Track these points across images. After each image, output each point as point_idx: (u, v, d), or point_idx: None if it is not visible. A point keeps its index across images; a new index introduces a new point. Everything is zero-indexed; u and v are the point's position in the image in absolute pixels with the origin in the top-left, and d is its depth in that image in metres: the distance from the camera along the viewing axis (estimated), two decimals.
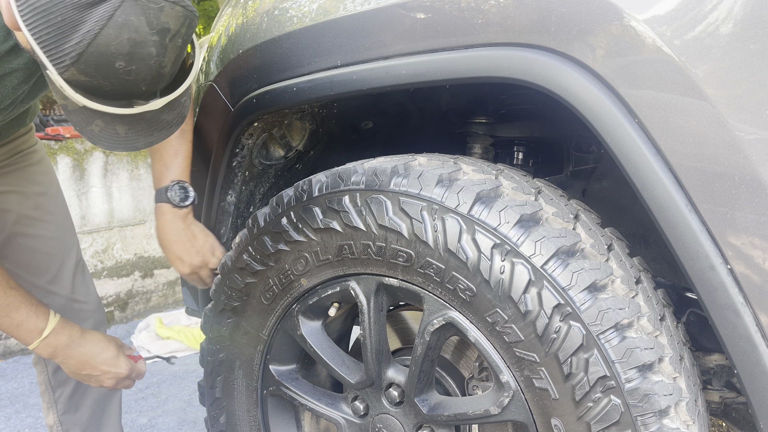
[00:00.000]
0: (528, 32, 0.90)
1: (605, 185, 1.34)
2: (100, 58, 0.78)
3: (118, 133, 0.90)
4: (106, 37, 0.77)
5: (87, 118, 0.88)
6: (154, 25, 0.80)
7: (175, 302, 4.02)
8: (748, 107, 0.77)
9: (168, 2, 0.81)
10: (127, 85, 0.84)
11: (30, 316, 1.20)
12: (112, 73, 0.81)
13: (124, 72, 0.81)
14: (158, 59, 0.83)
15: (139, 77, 0.83)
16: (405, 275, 1.05)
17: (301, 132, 1.42)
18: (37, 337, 1.21)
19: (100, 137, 0.91)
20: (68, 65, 0.79)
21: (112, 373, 1.29)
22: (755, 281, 0.79)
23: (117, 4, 0.77)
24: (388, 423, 1.17)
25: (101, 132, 0.90)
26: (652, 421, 0.87)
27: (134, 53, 0.80)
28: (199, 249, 1.37)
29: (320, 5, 1.15)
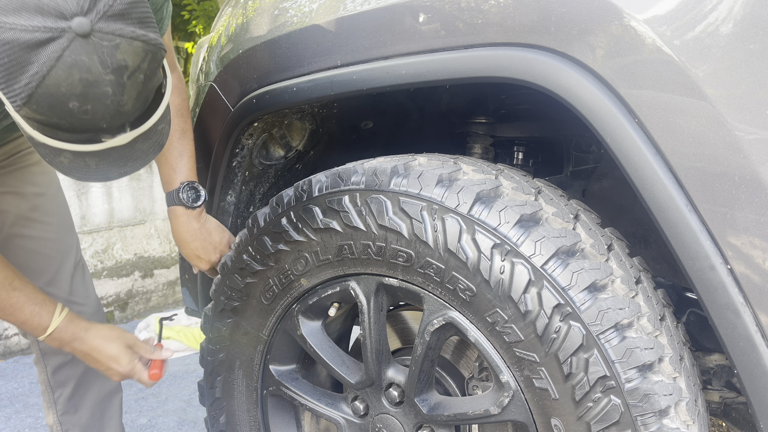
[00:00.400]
0: (528, 32, 0.90)
1: (605, 185, 1.34)
2: (51, 99, 0.75)
3: (88, 165, 0.87)
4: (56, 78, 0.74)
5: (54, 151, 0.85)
6: (108, 64, 0.76)
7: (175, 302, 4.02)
8: (748, 107, 0.77)
9: (124, 38, 0.77)
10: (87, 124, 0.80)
11: (33, 316, 1.22)
12: (67, 113, 0.77)
13: (80, 112, 0.77)
14: (115, 98, 0.79)
15: (97, 116, 0.79)
16: (405, 275, 1.05)
17: (301, 132, 1.42)
18: (42, 334, 1.23)
19: (70, 169, 0.87)
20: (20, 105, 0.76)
21: (113, 369, 1.30)
22: (755, 281, 0.79)
23: (65, 44, 0.73)
24: (388, 423, 1.17)
25: (71, 164, 0.86)
26: (652, 421, 0.87)
27: (88, 93, 0.76)
28: (216, 245, 1.38)
29: (320, 5, 1.15)
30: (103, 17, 0.75)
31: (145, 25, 0.80)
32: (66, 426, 1.65)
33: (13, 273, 1.23)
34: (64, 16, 0.72)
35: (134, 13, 0.79)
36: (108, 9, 0.75)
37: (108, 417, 1.69)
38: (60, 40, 0.73)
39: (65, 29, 0.72)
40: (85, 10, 0.73)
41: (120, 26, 0.76)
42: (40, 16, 0.72)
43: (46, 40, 0.72)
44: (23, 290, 1.22)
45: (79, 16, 0.73)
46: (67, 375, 1.61)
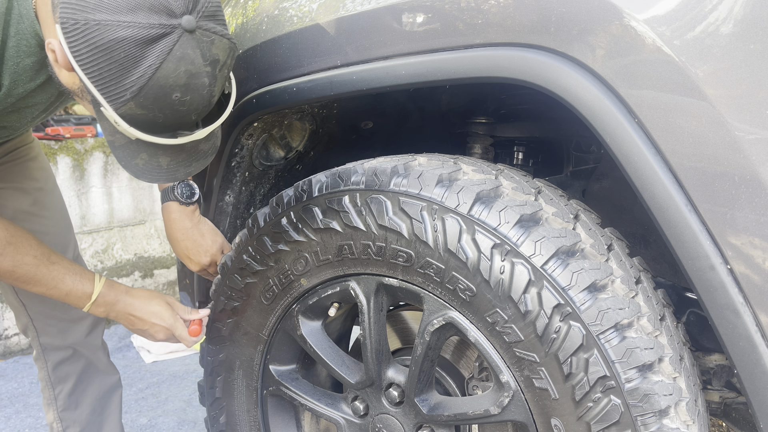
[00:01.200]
0: (528, 32, 0.90)
1: (605, 185, 1.34)
2: (159, 90, 0.83)
3: (161, 165, 0.94)
4: (166, 70, 0.81)
5: (132, 153, 0.92)
6: (207, 57, 0.85)
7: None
8: (748, 107, 0.77)
9: (217, 35, 0.86)
10: (179, 116, 0.88)
11: (76, 285, 1.24)
12: (168, 105, 0.85)
13: (179, 103, 0.85)
14: (210, 89, 0.88)
15: (192, 107, 0.87)
16: (405, 275, 1.05)
17: (301, 132, 1.42)
18: (87, 302, 1.25)
19: (143, 170, 0.94)
20: (128, 99, 0.83)
21: (158, 326, 1.31)
22: (755, 281, 0.79)
23: (176, 38, 0.81)
24: (388, 423, 1.17)
25: (145, 165, 0.94)
26: (652, 421, 0.87)
27: (190, 84, 0.84)
28: (207, 248, 1.39)
29: (320, 5, 1.15)
30: (203, 16, 0.84)
31: (226, 26, 0.90)
32: (66, 423, 1.65)
33: (48, 248, 1.25)
34: (174, 14, 0.81)
35: (219, 14, 0.89)
36: (205, 9, 0.84)
37: (108, 413, 1.69)
38: (171, 35, 0.81)
39: (176, 26, 0.81)
40: (189, 9, 0.82)
41: (213, 25, 0.86)
42: (153, 14, 0.79)
43: (160, 36, 0.80)
44: (61, 263, 1.24)
45: (186, 15, 0.82)
46: (68, 371, 1.62)
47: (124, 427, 1.78)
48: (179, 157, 0.95)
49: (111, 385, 1.69)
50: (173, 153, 0.94)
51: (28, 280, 1.21)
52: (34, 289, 1.24)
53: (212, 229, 1.42)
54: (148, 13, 0.79)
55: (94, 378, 1.65)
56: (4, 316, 3.15)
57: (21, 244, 1.19)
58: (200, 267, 1.41)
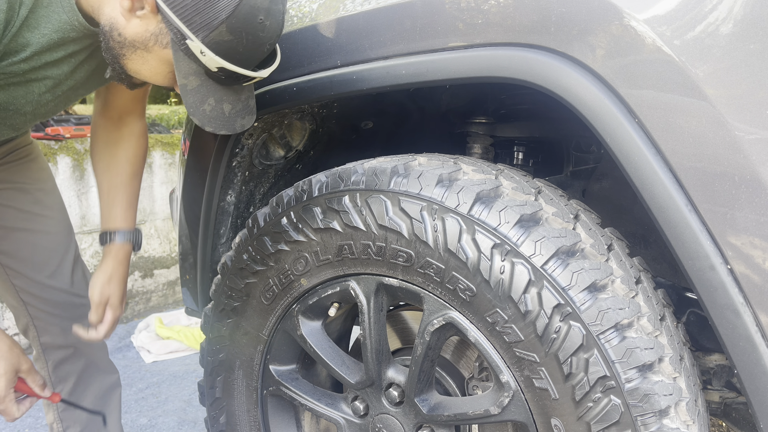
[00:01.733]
0: (528, 32, 0.90)
1: (605, 185, 1.34)
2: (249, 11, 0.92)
3: (224, 113, 1.02)
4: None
5: (202, 97, 1.00)
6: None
7: (175, 302, 4.02)
8: (748, 107, 0.77)
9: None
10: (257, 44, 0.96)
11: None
12: (253, 28, 0.94)
13: (261, 27, 0.94)
14: (282, 16, 0.98)
15: (269, 34, 0.96)
16: (405, 275, 1.05)
17: (301, 132, 1.42)
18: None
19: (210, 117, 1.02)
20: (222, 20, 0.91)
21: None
22: (755, 281, 0.79)
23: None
24: (388, 423, 1.17)
25: (211, 111, 1.02)
26: (652, 421, 0.87)
27: (271, 8, 0.95)
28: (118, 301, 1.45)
29: (320, 5, 1.15)
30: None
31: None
32: (66, 423, 1.65)
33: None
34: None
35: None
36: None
37: (108, 413, 1.69)
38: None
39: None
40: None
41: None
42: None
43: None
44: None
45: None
46: (68, 370, 1.62)
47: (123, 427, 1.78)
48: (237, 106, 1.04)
49: (111, 384, 1.69)
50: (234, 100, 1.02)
51: None
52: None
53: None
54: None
55: (95, 377, 1.65)
56: (4, 316, 3.15)
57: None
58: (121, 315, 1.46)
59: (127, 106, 1.42)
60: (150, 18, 0.95)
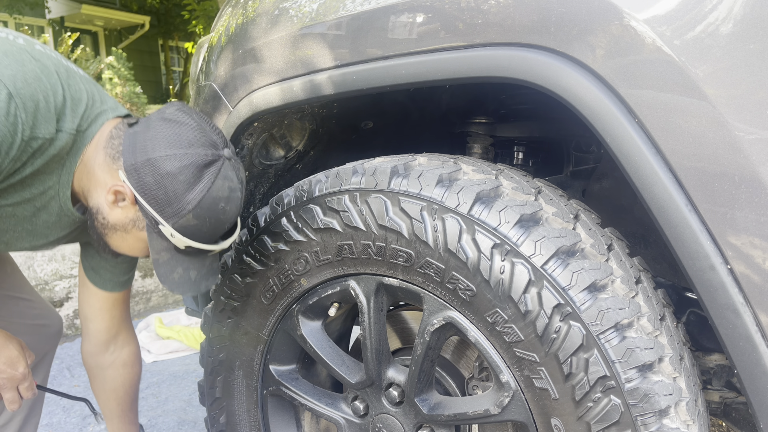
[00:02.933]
0: (528, 32, 0.90)
1: (605, 185, 1.34)
2: (211, 202, 1.07)
3: (190, 278, 1.16)
4: (217, 186, 1.07)
5: (171, 268, 1.14)
6: (239, 177, 1.11)
7: (175, 302, 4.02)
8: (748, 107, 0.77)
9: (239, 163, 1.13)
10: (219, 225, 1.11)
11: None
12: (215, 214, 1.08)
13: (223, 212, 1.09)
14: (241, 200, 1.12)
15: (229, 216, 1.11)
16: (405, 275, 1.05)
17: (301, 132, 1.42)
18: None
19: (178, 283, 1.15)
20: (189, 210, 1.06)
21: (7, 371, 1.23)
22: (755, 281, 0.79)
23: (221, 163, 1.07)
24: (388, 423, 1.17)
25: (179, 279, 1.15)
26: (652, 421, 0.87)
27: (230, 197, 1.09)
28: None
29: (320, 5, 1.15)
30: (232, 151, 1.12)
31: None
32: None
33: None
34: (218, 147, 1.08)
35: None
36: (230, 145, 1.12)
37: None
38: (219, 161, 1.08)
39: (221, 154, 1.08)
40: (226, 144, 1.11)
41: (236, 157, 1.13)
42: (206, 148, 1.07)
43: (212, 161, 1.07)
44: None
45: (226, 148, 1.10)
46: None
47: None
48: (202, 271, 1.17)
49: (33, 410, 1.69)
50: (199, 267, 1.16)
51: None
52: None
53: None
54: (202, 147, 1.06)
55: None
56: None
57: None
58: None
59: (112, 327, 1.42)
60: (129, 208, 1.10)
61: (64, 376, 2.88)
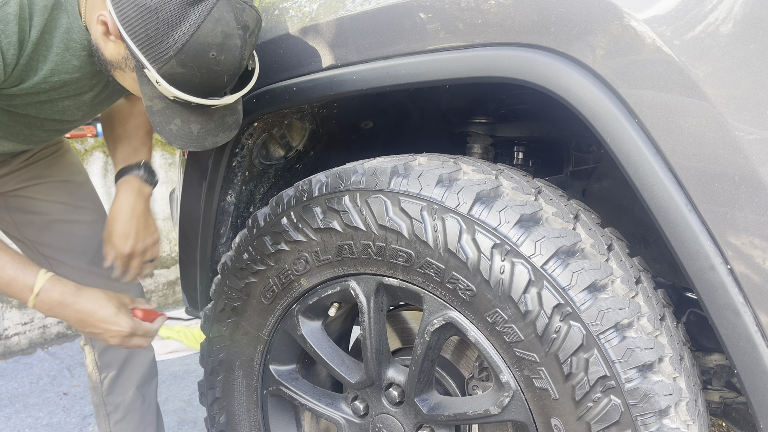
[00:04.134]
0: (528, 32, 0.90)
1: (605, 185, 1.34)
2: (198, 48, 0.92)
3: (192, 132, 1.03)
4: (205, 30, 0.91)
5: (168, 118, 1.01)
6: (240, 21, 0.95)
7: (175, 302, 4.02)
8: (748, 107, 0.77)
9: (246, 4, 0.97)
10: (214, 77, 0.96)
11: (17, 275, 1.19)
12: (205, 63, 0.93)
13: (215, 62, 0.94)
14: (241, 51, 0.97)
15: (225, 67, 0.96)
16: (405, 275, 1.05)
17: (301, 132, 1.42)
18: (30, 294, 1.20)
19: (177, 136, 1.03)
20: (171, 56, 0.92)
21: (112, 331, 1.24)
22: (755, 281, 0.79)
23: (213, 2, 0.91)
24: (388, 423, 1.17)
25: (178, 131, 1.02)
26: (652, 421, 0.87)
27: (224, 44, 0.94)
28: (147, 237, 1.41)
29: (320, 5, 1.15)
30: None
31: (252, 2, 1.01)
32: (110, 407, 1.69)
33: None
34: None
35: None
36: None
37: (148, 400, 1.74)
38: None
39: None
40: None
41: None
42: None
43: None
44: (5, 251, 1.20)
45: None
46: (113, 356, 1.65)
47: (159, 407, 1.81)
48: (208, 126, 1.03)
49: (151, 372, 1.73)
50: (203, 120, 1.02)
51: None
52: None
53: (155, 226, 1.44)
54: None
55: (138, 366, 1.68)
56: (4, 316, 3.15)
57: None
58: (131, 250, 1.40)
59: None
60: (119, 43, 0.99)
61: (64, 376, 2.88)
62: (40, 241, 1.53)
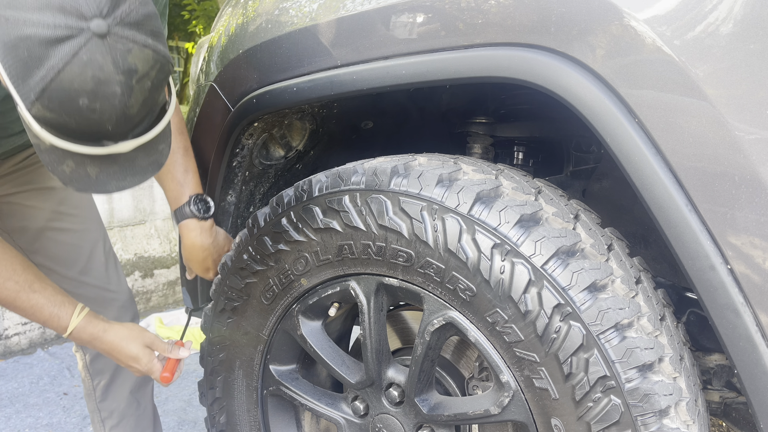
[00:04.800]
0: (528, 32, 0.90)
1: (605, 185, 1.34)
2: (63, 93, 0.78)
3: (89, 175, 0.89)
4: (70, 74, 0.77)
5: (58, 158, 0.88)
6: (119, 65, 0.79)
7: (175, 302, 4.02)
8: (748, 107, 0.77)
9: (137, 44, 0.81)
10: (93, 125, 0.82)
11: (53, 316, 1.25)
12: (75, 110, 0.80)
13: (88, 110, 0.80)
14: (123, 99, 0.81)
15: (104, 116, 0.82)
16: (405, 275, 1.05)
17: (301, 132, 1.42)
18: (64, 333, 1.27)
19: (71, 178, 0.90)
20: (33, 100, 0.79)
21: (134, 367, 1.33)
22: (755, 281, 0.79)
23: (82, 42, 0.77)
24: (388, 423, 1.17)
25: (72, 173, 0.89)
26: (652, 421, 0.87)
27: (98, 91, 0.79)
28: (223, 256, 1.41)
29: (320, 5, 1.15)
30: (120, 23, 0.79)
31: (156, 38, 0.84)
32: (105, 413, 1.70)
33: (34, 275, 1.24)
34: (84, 17, 0.77)
35: (148, 25, 0.83)
36: (125, 16, 0.79)
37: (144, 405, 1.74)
38: (78, 38, 0.76)
39: (83, 28, 0.76)
40: (104, 14, 0.78)
41: (134, 33, 0.81)
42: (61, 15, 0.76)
43: (65, 37, 0.76)
44: (42, 292, 1.24)
45: (98, 18, 0.77)
46: (104, 364, 1.66)
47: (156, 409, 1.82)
48: (110, 169, 0.90)
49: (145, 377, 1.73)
50: (101, 164, 0.89)
51: (7, 304, 1.23)
52: (14, 311, 1.25)
53: (227, 237, 1.44)
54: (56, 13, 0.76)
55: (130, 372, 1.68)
56: (4, 316, 3.15)
57: (4, 268, 1.20)
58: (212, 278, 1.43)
59: None
60: None
61: (64, 376, 2.88)
62: (31, 249, 1.52)
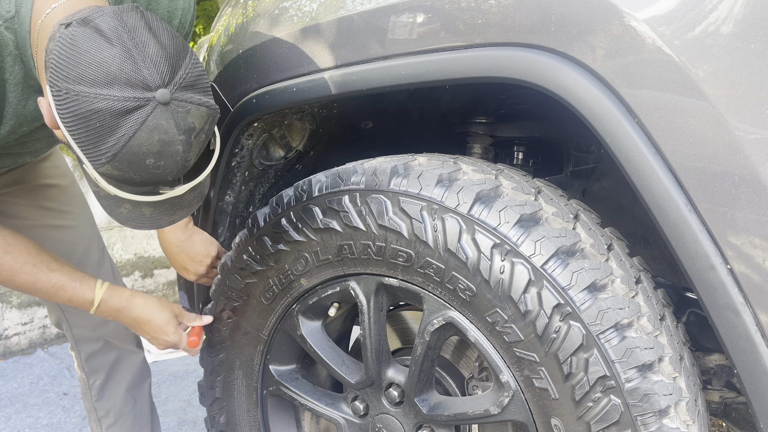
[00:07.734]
0: (528, 32, 0.90)
1: (605, 185, 1.34)
2: (132, 157, 0.87)
3: (144, 215, 0.99)
4: (139, 140, 0.86)
5: (116, 203, 0.98)
6: (181, 126, 0.88)
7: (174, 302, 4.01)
8: (748, 107, 0.77)
9: (194, 105, 0.90)
10: (154, 177, 0.92)
11: (77, 292, 1.26)
12: (142, 169, 0.89)
13: (154, 167, 0.90)
14: (184, 155, 0.91)
15: (167, 171, 0.91)
16: (405, 275, 1.05)
17: (301, 132, 1.42)
18: (91, 307, 1.28)
19: (127, 218, 1.00)
20: (104, 162, 0.88)
21: (160, 339, 1.34)
22: (755, 281, 0.79)
23: (149, 111, 0.85)
24: (388, 423, 1.17)
25: (129, 214, 0.99)
26: (652, 420, 0.87)
27: (163, 152, 0.88)
28: (202, 258, 1.42)
29: (320, 5, 1.15)
30: (179, 88, 0.88)
31: (207, 94, 0.93)
32: (101, 412, 1.70)
33: (49, 256, 1.26)
34: (149, 88, 0.85)
35: (200, 83, 0.92)
36: (183, 81, 0.88)
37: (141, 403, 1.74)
38: (145, 107, 0.85)
39: (150, 99, 0.85)
40: (165, 82, 0.86)
41: (191, 95, 0.89)
42: (129, 89, 0.84)
43: (134, 108, 0.85)
44: (61, 270, 1.26)
45: (162, 88, 0.86)
46: (100, 362, 1.66)
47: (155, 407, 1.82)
48: (162, 208, 1.00)
49: (141, 375, 1.73)
50: (155, 205, 0.99)
51: (28, 288, 1.24)
52: (36, 295, 1.26)
53: (206, 240, 1.44)
54: (124, 88, 0.84)
55: (127, 370, 1.69)
56: (4, 316, 3.15)
57: (19, 252, 1.21)
58: (197, 276, 1.44)
59: None
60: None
61: (64, 376, 2.88)
62: None
